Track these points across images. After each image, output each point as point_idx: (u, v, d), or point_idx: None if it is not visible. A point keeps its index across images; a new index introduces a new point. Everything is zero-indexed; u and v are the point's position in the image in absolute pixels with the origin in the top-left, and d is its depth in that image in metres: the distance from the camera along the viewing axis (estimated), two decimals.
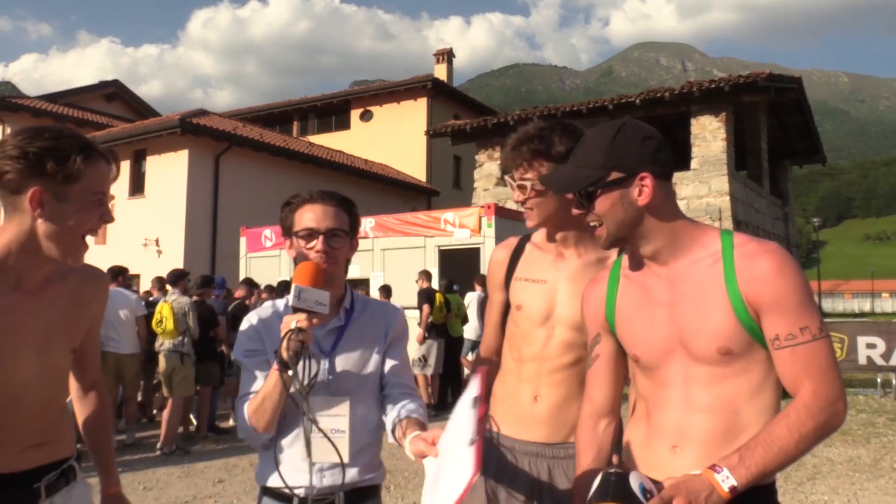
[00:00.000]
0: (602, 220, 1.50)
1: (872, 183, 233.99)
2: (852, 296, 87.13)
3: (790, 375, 1.38)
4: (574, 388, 1.86)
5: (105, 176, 1.51)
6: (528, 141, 1.85)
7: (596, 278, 1.71)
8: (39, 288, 1.53)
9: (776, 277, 1.38)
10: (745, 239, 1.47)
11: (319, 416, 1.70)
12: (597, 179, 1.48)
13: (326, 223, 1.78)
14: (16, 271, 1.47)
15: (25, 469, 1.54)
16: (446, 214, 11.43)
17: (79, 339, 1.67)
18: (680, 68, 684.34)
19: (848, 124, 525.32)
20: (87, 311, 1.68)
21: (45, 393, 1.57)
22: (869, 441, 7.07)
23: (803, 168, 23.43)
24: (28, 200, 1.41)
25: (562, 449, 1.87)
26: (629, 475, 1.30)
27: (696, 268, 1.48)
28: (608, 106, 15.23)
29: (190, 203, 16.29)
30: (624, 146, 1.48)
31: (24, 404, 1.52)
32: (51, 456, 1.60)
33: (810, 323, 1.37)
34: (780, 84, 14.56)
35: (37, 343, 1.52)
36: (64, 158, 1.42)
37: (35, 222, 1.44)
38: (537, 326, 1.90)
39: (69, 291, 1.60)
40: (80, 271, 1.65)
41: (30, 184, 1.41)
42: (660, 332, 1.50)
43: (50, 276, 1.56)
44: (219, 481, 5.75)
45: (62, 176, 1.42)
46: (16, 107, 18.51)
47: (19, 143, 1.41)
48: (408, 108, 24.65)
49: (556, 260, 1.94)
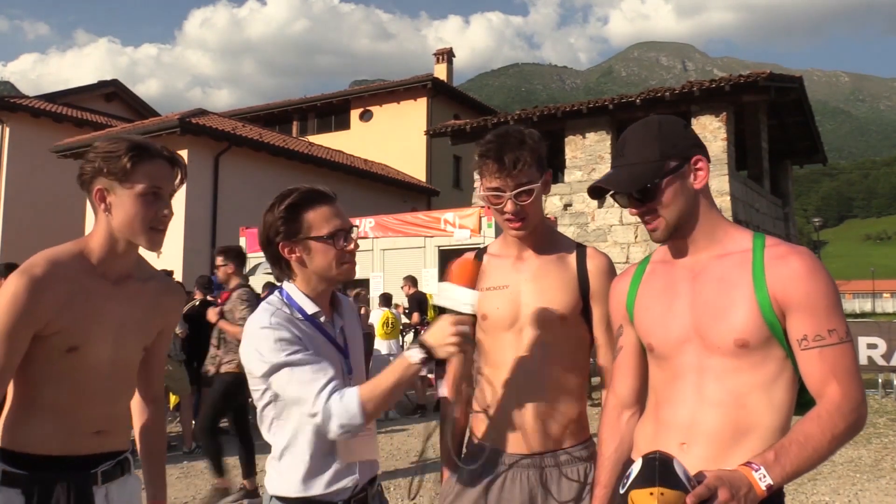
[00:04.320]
0: (662, 213, 1.51)
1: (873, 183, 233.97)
2: (853, 296, 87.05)
3: (817, 376, 1.38)
4: (557, 392, 1.83)
5: (159, 173, 1.66)
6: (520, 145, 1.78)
7: (624, 272, 1.73)
8: (122, 280, 1.72)
9: (807, 278, 1.40)
10: (778, 241, 1.50)
11: None
12: (659, 171, 1.48)
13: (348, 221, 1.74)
14: (101, 264, 1.67)
15: (85, 454, 1.66)
16: (446, 214, 11.43)
17: (151, 338, 1.81)
18: (680, 68, 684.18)
19: (848, 124, 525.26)
20: (162, 316, 1.83)
21: (114, 383, 1.71)
22: (870, 441, 7.06)
23: (804, 168, 23.41)
24: (94, 196, 1.64)
25: (552, 457, 1.83)
26: (673, 460, 1.26)
27: (723, 261, 1.50)
28: (608, 106, 15.19)
29: (189, 203, 16.26)
30: (672, 135, 1.52)
31: (95, 389, 1.66)
32: (108, 445, 1.71)
33: (838, 326, 1.38)
34: (780, 84, 14.53)
35: (114, 329, 1.67)
36: (114, 159, 1.61)
37: (105, 218, 1.65)
38: (505, 331, 1.86)
39: (148, 292, 1.78)
40: (160, 281, 1.85)
41: (95, 183, 1.64)
42: (677, 321, 1.51)
43: (132, 274, 1.75)
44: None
45: (113, 173, 1.62)
46: (15, 106, 18.46)
47: (94, 148, 1.65)
48: (407, 107, 24.64)
49: (515, 263, 1.91)
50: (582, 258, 1.89)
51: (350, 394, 1.56)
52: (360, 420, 1.55)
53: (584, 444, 1.87)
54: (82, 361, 1.61)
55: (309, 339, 1.66)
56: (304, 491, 1.65)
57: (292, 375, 1.58)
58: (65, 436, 1.62)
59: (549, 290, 1.85)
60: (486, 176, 1.78)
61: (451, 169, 25.50)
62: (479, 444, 1.92)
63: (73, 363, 1.61)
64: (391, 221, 11.86)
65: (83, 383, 1.63)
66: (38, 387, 1.61)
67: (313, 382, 1.57)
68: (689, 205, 1.51)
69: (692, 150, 1.51)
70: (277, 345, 1.59)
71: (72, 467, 1.63)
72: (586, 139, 15.82)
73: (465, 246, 10.78)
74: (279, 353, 1.59)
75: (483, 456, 1.88)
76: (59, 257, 1.62)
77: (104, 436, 1.69)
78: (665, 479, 1.22)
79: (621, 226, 14.74)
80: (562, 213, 15.49)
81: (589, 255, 1.89)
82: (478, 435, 1.93)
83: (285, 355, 1.59)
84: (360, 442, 1.70)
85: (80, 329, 1.60)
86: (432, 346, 1.53)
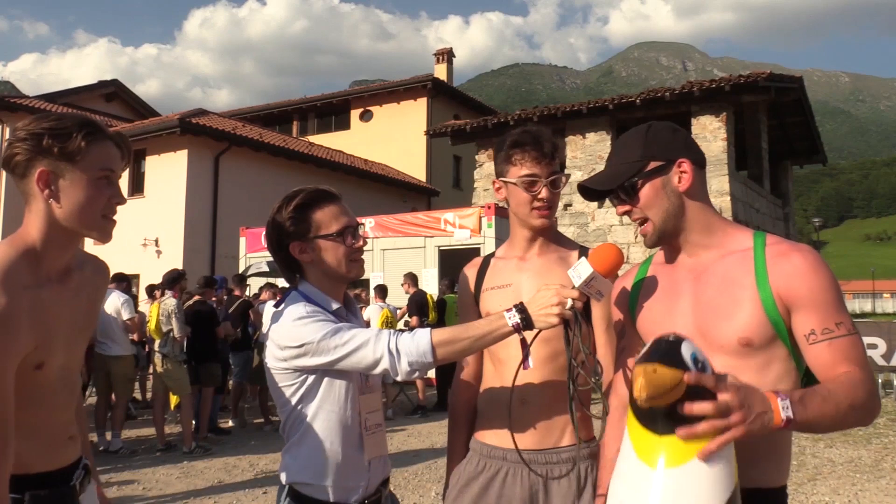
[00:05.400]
0: (647, 215, 1.53)
1: (873, 183, 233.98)
2: (853, 296, 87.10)
3: (828, 365, 1.36)
4: (560, 389, 1.83)
5: (112, 155, 1.49)
6: (551, 137, 1.88)
7: (626, 273, 1.74)
8: (65, 276, 1.53)
9: (811, 274, 1.40)
10: (778, 239, 1.50)
11: (367, 413, 1.72)
12: (638, 170, 1.52)
13: (355, 219, 1.77)
14: (45, 263, 1.47)
15: (64, 466, 1.55)
16: (446, 214, 11.43)
17: (94, 326, 1.68)
18: (680, 68, 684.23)
19: (848, 124, 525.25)
20: (100, 299, 1.70)
21: (71, 384, 1.59)
22: (870, 442, 7.06)
23: (804, 168, 23.41)
24: (35, 181, 1.42)
25: (554, 454, 1.84)
26: (683, 341, 1.20)
27: (725, 261, 1.50)
28: (608, 106, 15.19)
29: (189, 203, 16.27)
30: (657, 138, 1.54)
31: (57, 397, 1.53)
32: (76, 452, 1.61)
33: (845, 319, 1.39)
34: (780, 84, 14.52)
35: (69, 333, 1.52)
36: (66, 136, 1.41)
37: (49, 206, 1.43)
38: None
39: (87, 279, 1.60)
40: (93, 263, 1.66)
41: (36, 165, 1.41)
42: (680, 321, 1.51)
43: (70, 264, 1.55)
44: (218, 481, 5.73)
45: (64, 154, 1.41)
46: (15, 106, 18.48)
47: (26, 125, 1.43)
48: (408, 107, 24.64)
49: (518, 263, 1.95)
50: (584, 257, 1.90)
51: (422, 332, 1.56)
52: (430, 359, 1.55)
53: (586, 443, 1.87)
54: (47, 375, 1.48)
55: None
56: (320, 480, 1.65)
57: (346, 335, 1.59)
58: (48, 450, 1.53)
59: None
60: (522, 163, 1.85)
61: (451, 169, 25.50)
62: (481, 441, 1.93)
63: (40, 379, 1.47)
64: (391, 221, 11.85)
65: (49, 395, 1.51)
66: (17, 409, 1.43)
67: (370, 334, 1.58)
68: (674, 206, 1.52)
69: (677, 152, 1.52)
70: (320, 324, 1.61)
71: (56, 482, 1.54)
72: (586, 139, 15.82)
73: (465, 246, 10.78)
74: (326, 325, 1.60)
75: (486, 453, 1.89)
76: (9, 273, 1.37)
77: (74, 441, 1.61)
78: (665, 357, 1.15)
79: (621, 226, 14.74)
80: (562, 213, 15.48)
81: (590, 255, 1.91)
82: (481, 432, 1.94)
83: (327, 331, 1.59)
84: (376, 438, 1.74)
85: (45, 344, 1.44)
86: (531, 314, 1.53)
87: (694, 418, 1.14)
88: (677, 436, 1.15)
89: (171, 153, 16.54)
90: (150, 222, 16.17)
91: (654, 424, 1.18)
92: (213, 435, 7.54)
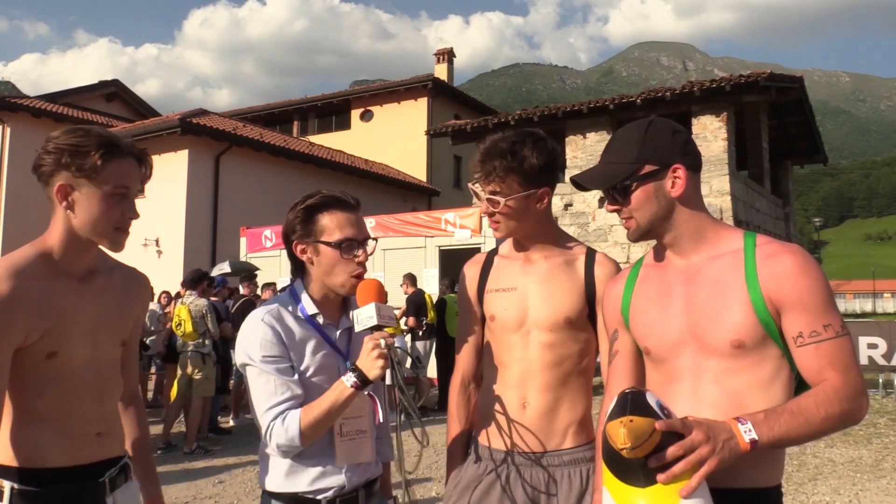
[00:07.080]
0: (634, 216, 1.53)
1: (874, 183, 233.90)
2: (854, 296, 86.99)
3: (814, 369, 1.37)
4: (562, 393, 1.84)
5: (128, 173, 1.57)
6: (501, 156, 1.81)
7: (617, 276, 1.73)
8: (89, 276, 1.64)
9: (800, 276, 1.40)
10: (768, 240, 1.49)
11: (344, 420, 1.71)
12: (632, 173, 1.50)
13: (364, 232, 1.75)
14: (64, 263, 1.59)
15: (90, 462, 1.61)
16: (447, 214, 11.42)
17: (127, 333, 1.75)
18: (681, 68, 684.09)
19: (849, 124, 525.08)
20: (133, 309, 1.77)
21: (100, 381, 1.65)
22: (870, 442, 7.06)
23: (804, 168, 23.40)
24: (55, 192, 1.53)
25: (556, 456, 1.84)
26: (645, 392, 1.28)
27: (716, 262, 1.50)
28: (609, 106, 15.20)
29: (190, 203, 16.27)
30: (655, 140, 1.51)
31: (81, 391, 1.60)
32: (109, 451, 1.67)
33: (833, 321, 1.38)
34: (781, 84, 14.52)
35: (90, 328, 1.61)
36: (83, 154, 1.50)
37: (67, 216, 1.55)
38: (512, 333, 1.89)
39: (115, 285, 1.71)
40: (125, 272, 1.77)
41: (57, 178, 1.53)
42: (672, 323, 1.51)
43: (95, 268, 1.67)
44: (219, 482, 5.74)
45: (81, 170, 1.51)
46: (15, 106, 18.45)
47: (55, 137, 1.54)
48: (408, 107, 24.63)
49: (524, 265, 1.93)
50: (591, 264, 1.90)
51: (292, 417, 1.61)
52: (299, 443, 1.61)
53: (588, 445, 1.87)
54: (64, 365, 1.56)
55: (301, 340, 1.70)
56: (287, 487, 1.68)
57: (258, 380, 1.65)
58: (66, 442, 1.57)
59: (556, 293, 1.86)
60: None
61: (451, 169, 25.50)
62: (483, 444, 1.92)
63: (55, 368, 1.55)
64: (392, 221, 11.84)
65: (68, 387, 1.57)
66: (29, 397, 1.56)
67: (270, 398, 1.63)
68: (664, 211, 1.51)
69: (674, 157, 1.50)
70: (261, 344, 1.66)
71: (81, 478, 1.59)
72: (587, 139, 15.83)
73: (465, 246, 10.77)
74: (258, 351, 1.65)
75: (487, 456, 1.89)
76: (20, 265, 1.52)
77: (104, 439, 1.64)
78: (635, 409, 1.22)
79: (621, 226, 14.74)
80: (562, 213, 15.49)
81: (598, 262, 1.91)
82: (482, 435, 1.94)
83: (261, 357, 1.64)
84: (353, 445, 1.73)
85: (57, 333, 1.53)
86: (363, 370, 1.57)
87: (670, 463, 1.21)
88: (659, 480, 1.21)
89: (172, 153, 16.53)
90: (150, 222, 16.12)
91: (636, 478, 1.24)
92: (214, 435, 7.54)
